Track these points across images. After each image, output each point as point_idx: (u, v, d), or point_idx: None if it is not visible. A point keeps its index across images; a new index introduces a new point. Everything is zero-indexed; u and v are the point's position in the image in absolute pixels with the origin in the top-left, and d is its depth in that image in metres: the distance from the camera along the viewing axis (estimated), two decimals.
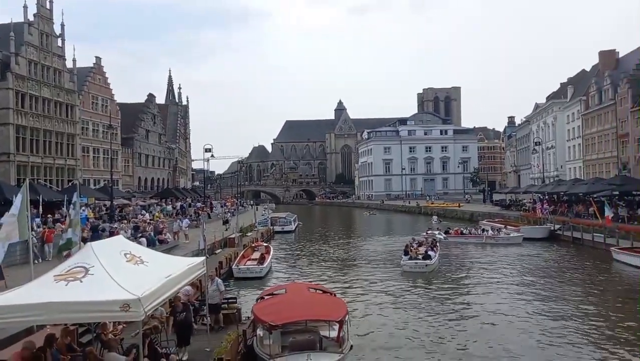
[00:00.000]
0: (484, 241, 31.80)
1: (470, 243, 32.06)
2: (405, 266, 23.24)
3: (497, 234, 32.24)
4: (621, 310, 15.79)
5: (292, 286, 15.33)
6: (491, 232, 32.71)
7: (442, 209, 63.42)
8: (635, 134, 45.71)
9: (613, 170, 49.55)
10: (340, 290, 18.92)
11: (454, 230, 35.59)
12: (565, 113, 64.20)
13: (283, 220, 48.48)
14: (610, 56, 58.72)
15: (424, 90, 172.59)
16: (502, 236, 31.77)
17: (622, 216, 31.61)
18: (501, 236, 31.79)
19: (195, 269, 10.42)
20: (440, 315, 15.46)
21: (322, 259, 28.74)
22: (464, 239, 33.10)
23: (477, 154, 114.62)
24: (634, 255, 22.88)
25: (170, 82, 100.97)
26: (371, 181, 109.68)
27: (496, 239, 31.45)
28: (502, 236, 31.78)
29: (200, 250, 21.70)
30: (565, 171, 62.93)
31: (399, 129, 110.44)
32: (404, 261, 23.79)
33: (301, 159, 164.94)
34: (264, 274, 22.73)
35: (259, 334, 11.33)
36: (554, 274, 21.95)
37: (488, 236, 32.06)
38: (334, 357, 9.89)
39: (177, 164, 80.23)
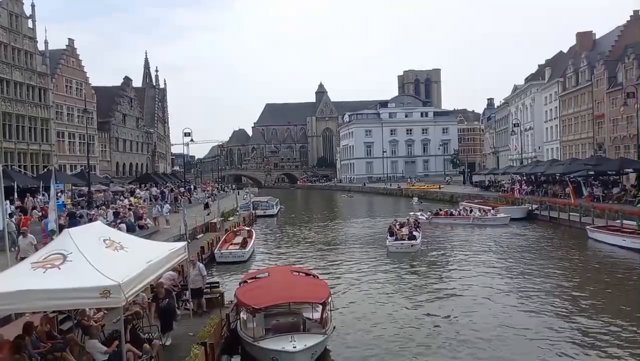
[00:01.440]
0: (471, 222, 32.15)
1: (459, 224, 32.41)
2: (392, 247, 23.50)
3: (485, 215, 32.61)
4: (595, 286, 16.25)
5: (275, 269, 15.39)
6: (478, 213, 33.04)
7: (423, 191, 64.07)
8: (611, 115, 46.61)
9: (589, 150, 50.56)
10: (324, 272, 19.04)
11: (444, 211, 35.97)
12: (543, 95, 65.01)
13: (265, 204, 48.39)
14: (587, 38, 59.38)
15: (405, 72, 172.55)
16: (489, 217, 32.20)
17: (597, 195, 32.38)
18: (488, 217, 32.21)
19: (177, 255, 10.36)
20: (423, 295, 15.69)
21: (305, 242, 28.84)
22: (453, 220, 33.48)
23: (457, 136, 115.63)
24: (607, 233, 23.52)
25: (146, 65, 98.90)
26: (352, 164, 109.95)
27: (483, 220, 31.85)
28: (489, 217, 32.20)
29: (181, 235, 21.52)
30: (543, 152, 63.97)
31: (380, 111, 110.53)
32: (389, 242, 24.00)
33: (282, 142, 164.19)
34: (246, 259, 22.73)
35: (243, 317, 11.36)
36: (533, 253, 22.43)
37: (475, 217, 32.45)
38: (317, 338, 9.98)
39: (155, 149, 79.08)
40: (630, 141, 42.50)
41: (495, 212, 33.20)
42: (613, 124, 46.47)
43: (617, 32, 52.93)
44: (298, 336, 9.84)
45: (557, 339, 11.34)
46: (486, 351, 10.77)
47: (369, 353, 10.95)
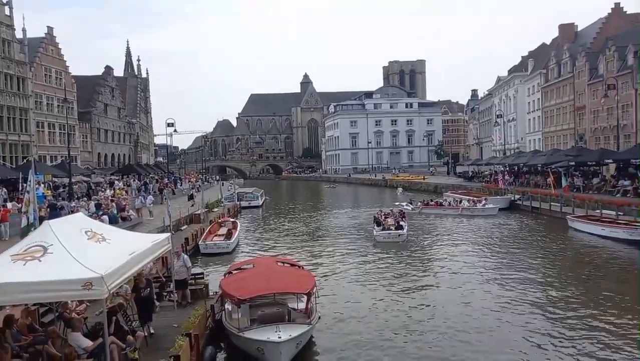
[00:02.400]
0: (460, 212, 32.32)
1: (448, 214, 32.56)
2: (379, 237, 23.70)
3: (474, 205, 32.80)
4: (575, 275, 16.58)
5: (260, 260, 15.39)
6: (467, 204, 33.21)
7: (407, 181, 64.48)
8: (592, 106, 47.32)
9: (570, 141, 51.35)
10: (310, 263, 19.12)
11: (434, 202, 36.20)
12: (526, 86, 65.68)
13: (250, 195, 48.22)
14: (569, 30, 60.06)
15: (390, 63, 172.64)
16: (478, 207, 32.39)
17: (578, 185, 32.94)
18: (477, 207, 32.40)
19: (160, 246, 10.29)
20: (409, 285, 15.80)
21: (290, 233, 28.85)
22: (442, 210, 33.66)
23: (441, 127, 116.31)
24: (587, 223, 23.98)
25: (128, 54, 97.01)
26: (338, 155, 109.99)
27: (472, 210, 32.05)
28: (478, 207, 32.40)
29: (165, 227, 21.35)
30: (526, 142, 64.78)
31: (365, 102, 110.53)
32: (377, 232, 24.20)
33: (267, 133, 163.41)
34: (231, 250, 22.66)
35: (228, 308, 11.35)
36: (516, 242, 22.76)
37: (465, 207, 32.61)
38: (302, 328, 10.03)
39: (138, 140, 78.07)
40: (610, 132, 43.28)
41: (484, 202, 33.41)
42: (594, 116, 47.22)
43: (599, 24, 53.63)
44: (283, 326, 9.87)
45: (538, 327, 11.56)
46: (469, 342, 10.88)
47: (354, 343, 11.03)
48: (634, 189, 27.29)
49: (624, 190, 28.48)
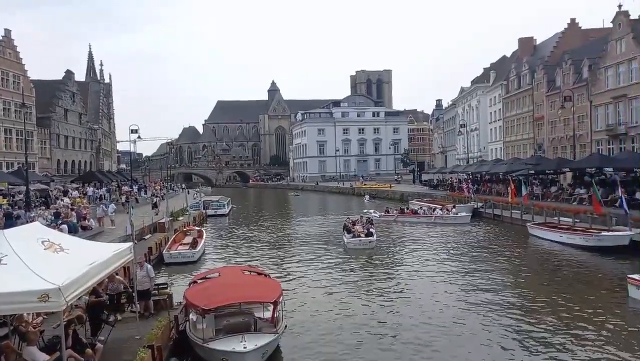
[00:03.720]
0: (433, 220, 32.63)
1: (422, 222, 32.80)
2: (350, 244, 23.93)
3: (447, 213, 33.21)
4: (535, 279, 17.09)
5: (226, 269, 15.18)
6: (440, 212, 33.60)
7: (374, 189, 65.12)
8: (550, 117, 49.16)
9: (530, 151, 53.14)
10: (278, 271, 19.00)
11: (409, 210, 36.55)
12: (488, 97, 67.69)
13: (216, 203, 47.57)
14: (528, 43, 62.39)
15: (357, 72, 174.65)
16: (451, 215, 32.81)
17: (537, 193, 34.05)
18: (449, 215, 32.82)
19: (122, 256, 10.00)
20: (376, 293, 15.85)
21: (257, 241, 28.59)
22: (416, 218, 33.93)
23: (407, 135, 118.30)
24: (546, 230, 24.78)
25: (90, 58, 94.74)
26: (306, 162, 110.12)
27: (444, 218, 32.44)
28: (450, 215, 32.81)
29: (127, 236, 20.78)
30: (488, 151, 66.63)
31: (333, 110, 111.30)
32: (347, 239, 24.45)
33: (234, 140, 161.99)
34: (196, 259, 22.26)
35: (192, 319, 11.13)
36: (479, 249, 23.26)
37: (437, 215, 32.99)
38: (269, 338, 9.93)
39: (100, 146, 76.04)
40: (567, 142, 45.03)
41: (455, 210, 33.87)
42: (552, 126, 49.06)
43: (556, 38, 55.97)
44: (249, 336, 9.75)
45: (501, 331, 11.84)
46: (434, 348, 11.02)
47: (321, 351, 10.99)
48: (589, 197, 28.45)
49: (580, 198, 29.61)
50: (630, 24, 37.06)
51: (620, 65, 37.94)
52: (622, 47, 37.74)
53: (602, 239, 20.65)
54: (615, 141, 39.06)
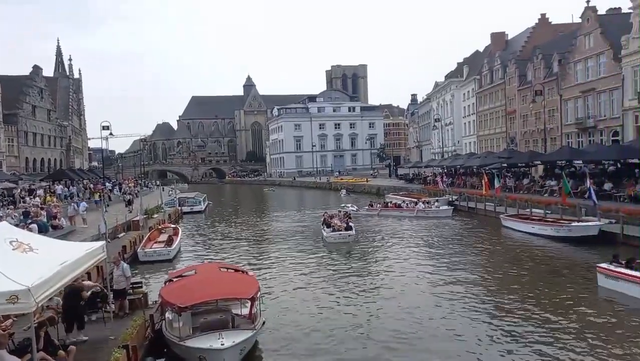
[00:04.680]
0: (415, 214, 32.79)
1: (405, 216, 32.90)
2: (330, 238, 24.10)
3: (429, 207, 33.43)
4: (507, 270, 17.44)
5: (203, 266, 15.04)
6: (422, 206, 33.90)
7: (351, 184, 65.41)
8: (521, 111, 50.17)
9: (502, 144, 54.16)
10: (256, 268, 18.92)
11: (392, 204, 36.72)
12: (462, 91, 68.61)
13: (192, 200, 47.05)
14: (500, 38, 63.40)
15: (332, 67, 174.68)
16: (433, 209, 33.06)
17: (510, 186, 34.75)
18: (432, 209, 33.05)
19: (95, 255, 9.80)
20: (355, 288, 15.88)
21: (234, 238, 28.40)
22: (399, 212, 34.06)
23: (383, 130, 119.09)
24: (518, 221, 25.35)
25: (59, 53, 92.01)
26: (282, 158, 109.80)
27: (427, 212, 32.68)
28: (432, 209, 33.05)
29: (100, 235, 20.37)
30: (462, 145, 67.60)
31: (309, 106, 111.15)
32: (327, 233, 24.61)
33: (209, 136, 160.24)
34: (172, 257, 21.99)
35: (168, 317, 11.01)
36: (455, 241, 23.64)
37: (420, 209, 33.28)
38: (246, 334, 9.89)
39: (70, 143, 74.18)
40: (538, 135, 46.06)
41: (439, 204, 34.09)
42: (523, 120, 50.08)
43: (527, 33, 57.04)
44: (226, 333, 9.68)
45: (473, 322, 12.07)
46: (412, 343, 11.09)
47: (299, 347, 11.01)
48: (559, 189, 29.19)
49: (550, 190, 30.37)
50: (598, 20, 38.03)
51: (589, 59, 38.93)
52: (590, 42, 38.72)
53: (572, 229, 21.22)
54: (584, 134, 40.13)
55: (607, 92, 36.93)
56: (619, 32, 34.41)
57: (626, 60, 34.05)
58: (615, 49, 35.40)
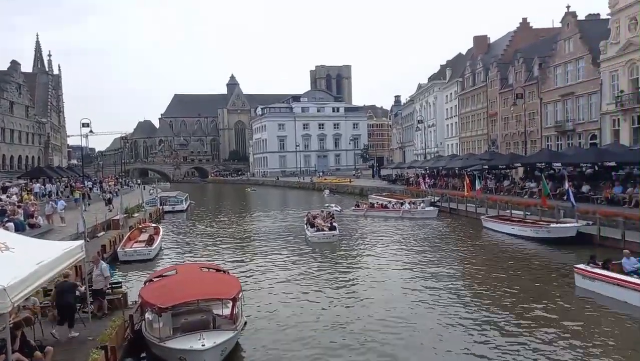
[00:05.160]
0: (401, 215, 32.78)
1: (391, 216, 32.93)
2: (314, 238, 24.12)
3: (414, 208, 33.53)
4: (488, 270, 17.66)
5: (184, 266, 14.90)
6: (408, 206, 34.06)
7: (335, 184, 65.50)
8: (502, 113, 50.87)
9: (484, 146, 54.85)
10: (237, 268, 18.81)
11: (378, 204, 36.74)
12: (444, 93, 69.27)
13: (173, 199, 46.55)
14: (482, 41, 64.20)
15: (317, 67, 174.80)
16: (419, 210, 33.20)
17: (490, 187, 35.20)
18: (418, 210, 33.20)
19: (73, 254, 9.66)
20: (337, 286, 15.97)
21: (216, 238, 28.19)
22: (385, 213, 34.09)
23: (367, 131, 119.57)
24: (499, 222, 25.67)
25: (38, 48, 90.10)
26: (266, 157, 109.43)
27: (412, 213, 32.78)
28: (418, 210, 33.21)
29: (79, 234, 20.03)
30: (444, 147, 68.27)
31: (293, 105, 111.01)
32: (311, 233, 24.62)
33: (192, 135, 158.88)
34: (152, 257, 21.72)
35: (148, 318, 10.86)
36: (436, 242, 23.79)
37: (405, 210, 33.33)
38: (227, 335, 9.81)
39: (49, 141, 72.74)
40: (518, 138, 46.77)
41: (424, 205, 34.24)
42: (504, 122, 50.80)
43: (509, 37, 57.86)
44: (207, 333, 9.60)
45: (454, 322, 12.18)
46: (395, 343, 11.12)
47: (281, 347, 10.96)
48: (539, 191, 29.66)
49: (530, 192, 30.85)
50: (578, 25, 38.79)
51: (568, 64, 39.68)
52: (569, 46, 39.46)
53: (551, 231, 21.57)
54: (563, 137, 40.89)
55: (585, 96, 37.69)
56: (597, 38, 35.17)
57: (604, 65, 34.80)
58: (594, 54, 36.15)
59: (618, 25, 33.07)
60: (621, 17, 32.63)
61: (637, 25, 31.33)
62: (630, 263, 13.30)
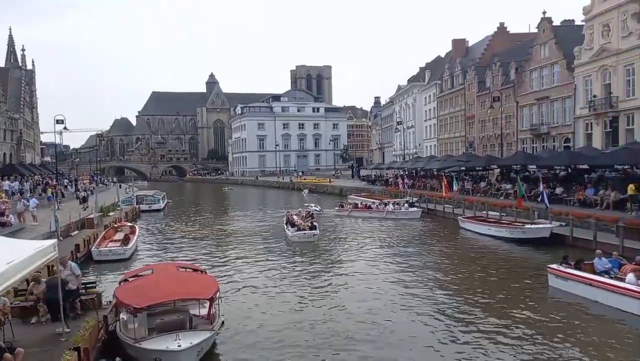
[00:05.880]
0: (385, 215, 32.78)
1: (375, 217, 32.93)
2: (294, 237, 24.10)
3: (398, 209, 33.62)
4: (464, 269, 17.89)
5: (160, 266, 14.69)
6: (392, 207, 34.07)
7: (314, 184, 65.51)
8: (480, 116, 51.66)
9: (461, 148, 55.60)
10: (215, 267, 18.65)
11: (362, 205, 36.71)
12: (423, 95, 69.98)
13: (150, 198, 45.87)
14: (461, 44, 65.11)
15: (297, 67, 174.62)
16: (402, 210, 33.26)
17: (468, 189, 35.69)
18: (401, 210, 33.26)
19: (45, 253, 9.37)
20: (315, 285, 15.97)
21: (194, 237, 27.87)
22: (369, 213, 34.08)
23: (346, 131, 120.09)
24: (475, 223, 26.06)
25: (11, 43, 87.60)
26: (245, 157, 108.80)
27: (396, 213, 32.82)
28: (402, 210, 33.25)
29: (52, 233, 19.56)
30: (423, 148, 68.97)
31: (273, 105, 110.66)
32: (291, 232, 24.57)
33: (170, 133, 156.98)
34: (128, 256, 21.35)
35: (123, 318, 10.66)
36: (414, 241, 24.03)
37: (389, 211, 33.36)
38: (204, 335, 9.70)
39: (22, 137, 70.80)
40: (495, 140, 47.56)
41: (407, 206, 34.32)
42: (481, 125, 51.60)
43: (487, 41, 58.82)
44: (184, 334, 9.48)
45: (430, 322, 12.31)
46: (370, 341, 11.20)
47: (258, 347, 10.89)
48: (514, 192, 30.19)
49: (506, 193, 31.39)
50: (553, 30, 39.65)
51: (544, 68, 40.53)
52: (545, 51, 40.30)
53: (526, 231, 21.99)
54: (538, 140, 41.74)
55: (560, 100, 38.55)
56: (572, 43, 36.01)
57: (578, 70, 35.66)
58: (568, 59, 37.00)
59: (592, 31, 33.92)
60: (595, 23, 33.49)
61: (610, 32, 32.21)
62: (601, 263, 13.64)
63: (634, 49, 30.05)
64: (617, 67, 31.75)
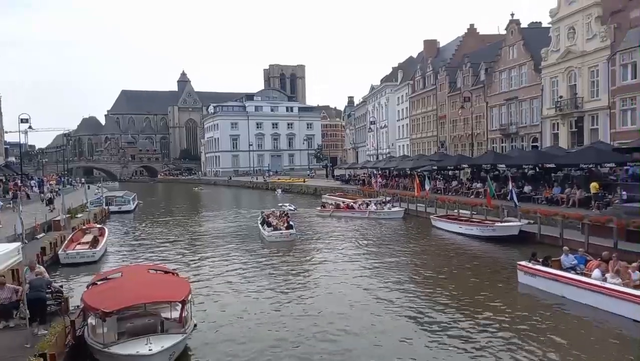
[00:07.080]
0: (367, 215, 32.70)
1: (357, 217, 32.84)
2: (271, 237, 23.97)
3: (381, 209, 33.62)
4: (436, 268, 18.13)
5: (130, 268, 14.38)
6: (374, 207, 33.96)
7: (288, 184, 65.33)
8: (451, 116, 52.48)
9: (434, 148, 56.38)
10: (188, 269, 18.39)
11: (345, 205, 36.59)
12: (396, 95, 70.67)
13: (120, 199, 44.91)
14: (432, 45, 65.96)
15: (270, 66, 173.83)
16: (385, 210, 33.24)
17: (440, 188, 36.23)
18: (384, 210, 33.23)
19: (9, 257, 9.10)
20: (289, 287, 15.88)
21: (165, 239, 27.40)
22: (351, 213, 33.97)
23: (320, 131, 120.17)
24: (447, 222, 26.46)
25: None
26: (218, 157, 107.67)
27: (378, 214, 32.80)
28: (385, 210, 33.23)
29: (17, 235, 18.91)
30: (396, 148, 69.64)
31: (246, 104, 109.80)
32: (268, 232, 24.40)
33: (140, 132, 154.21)
34: (97, 259, 20.85)
35: (91, 323, 10.39)
36: (388, 240, 24.21)
37: (372, 211, 33.29)
38: (176, 338, 9.55)
39: None
40: (466, 140, 48.42)
41: (390, 206, 34.27)
42: (453, 125, 52.44)
43: (458, 42, 59.75)
44: (155, 338, 9.29)
45: (401, 321, 12.42)
46: (343, 342, 11.17)
47: (231, 350, 10.77)
48: (484, 191, 30.80)
49: (476, 192, 31.98)
50: (521, 32, 40.60)
51: (512, 69, 41.47)
52: (513, 53, 41.24)
53: (496, 229, 22.45)
54: (507, 140, 42.69)
55: (528, 100, 39.51)
56: (539, 45, 36.95)
57: (545, 71, 36.63)
58: (535, 60, 37.96)
59: (558, 33, 34.89)
60: (561, 26, 34.46)
61: (576, 35, 33.18)
62: (568, 259, 14.03)
63: (598, 51, 31.07)
64: (582, 68, 32.76)
